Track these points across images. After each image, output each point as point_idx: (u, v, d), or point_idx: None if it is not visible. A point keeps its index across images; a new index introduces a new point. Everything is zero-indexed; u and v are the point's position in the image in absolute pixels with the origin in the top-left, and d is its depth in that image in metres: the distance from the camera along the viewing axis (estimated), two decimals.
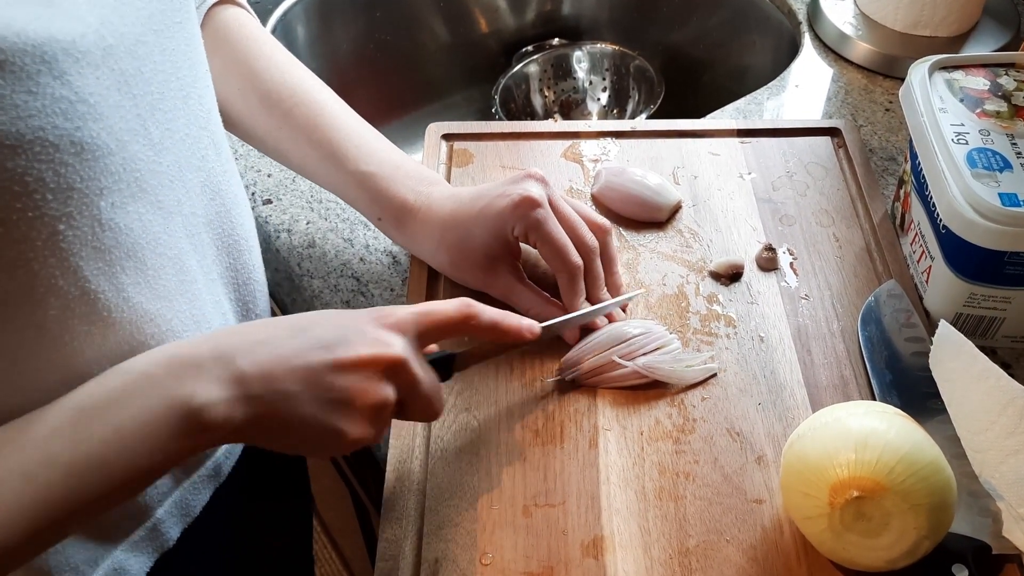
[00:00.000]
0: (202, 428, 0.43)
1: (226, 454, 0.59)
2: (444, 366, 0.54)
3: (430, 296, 0.66)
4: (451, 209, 0.63)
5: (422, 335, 0.50)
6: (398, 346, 0.48)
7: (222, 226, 0.54)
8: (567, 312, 0.61)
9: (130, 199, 0.43)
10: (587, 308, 0.62)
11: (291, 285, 0.72)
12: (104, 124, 0.40)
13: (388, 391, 0.48)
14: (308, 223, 0.75)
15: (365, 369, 0.46)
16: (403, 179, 0.64)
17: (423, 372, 0.50)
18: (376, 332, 0.48)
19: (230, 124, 0.65)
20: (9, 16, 0.35)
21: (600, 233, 0.63)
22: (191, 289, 0.50)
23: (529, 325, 0.55)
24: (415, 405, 0.50)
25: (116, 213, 0.42)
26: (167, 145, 0.46)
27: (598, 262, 0.62)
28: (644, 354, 0.60)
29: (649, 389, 0.60)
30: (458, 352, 0.55)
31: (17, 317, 0.40)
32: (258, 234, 0.60)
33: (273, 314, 0.68)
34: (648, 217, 0.71)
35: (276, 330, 0.47)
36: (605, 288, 0.63)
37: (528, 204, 0.59)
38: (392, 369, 0.47)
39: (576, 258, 0.60)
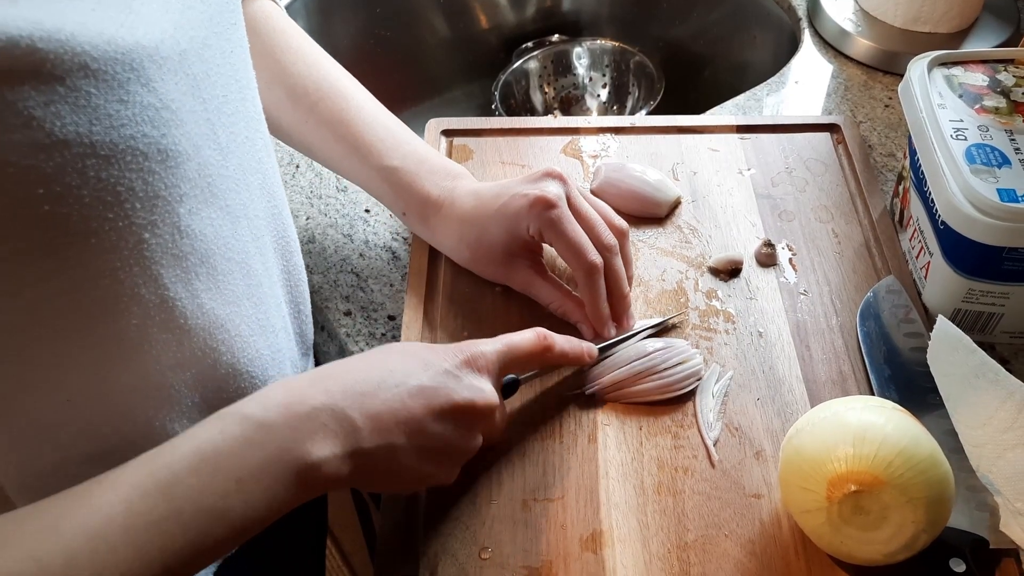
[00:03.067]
0: (316, 482, 0.44)
1: None
2: (510, 389, 0.57)
3: (429, 292, 0.66)
4: (472, 206, 0.63)
5: (503, 369, 0.52)
6: (489, 391, 0.50)
7: (277, 227, 0.54)
8: (587, 309, 0.61)
9: (203, 204, 0.43)
10: (633, 327, 0.63)
11: None
12: (183, 130, 0.40)
13: (478, 437, 0.51)
14: (308, 218, 0.75)
15: (461, 416, 0.48)
16: (427, 174, 0.64)
17: (503, 409, 0.52)
18: (469, 378, 0.49)
19: None
20: (99, 24, 0.35)
21: (617, 235, 0.62)
22: (257, 292, 0.50)
23: (590, 349, 0.58)
24: (491, 436, 0.53)
25: (193, 219, 0.42)
26: (232, 148, 0.46)
27: (618, 260, 0.61)
28: (666, 369, 0.59)
29: (668, 404, 0.59)
30: (522, 376, 0.58)
31: (99, 327, 0.40)
32: None
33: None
34: (647, 213, 0.71)
35: (377, 375, 0.47)
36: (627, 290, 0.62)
37: (543, 204, 0.59)
38: (484, 413, 0.50)
39: (593, 256, 0.59)
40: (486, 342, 0.52)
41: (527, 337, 0.54)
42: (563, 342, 0.56)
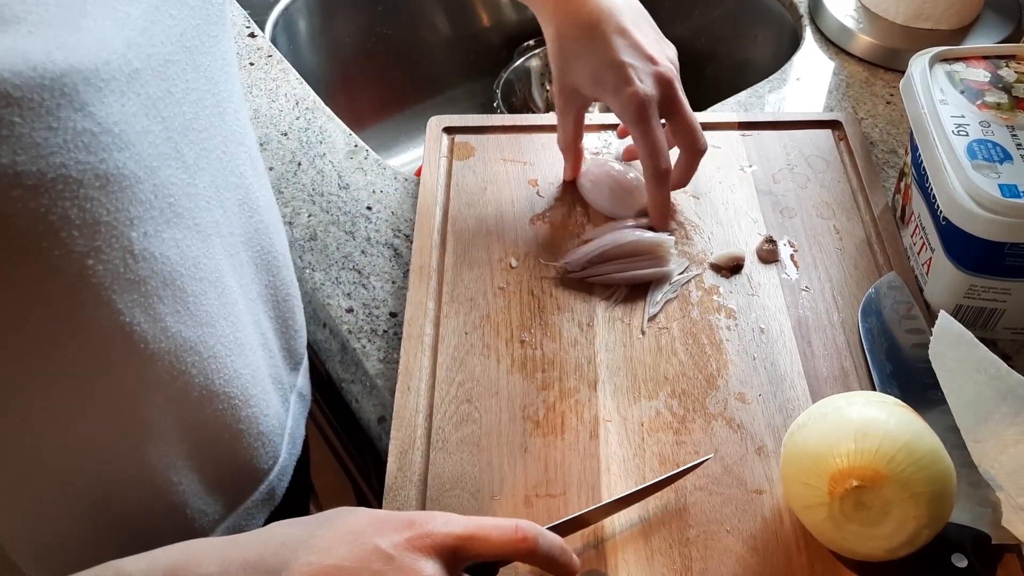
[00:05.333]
0: None
1: (279, 475, 0.58)
2: (488, 570, 0.48)
3: (431, 289, 0.66)
4: (591, 9, 0.66)
5: (463, 557, 0.44)
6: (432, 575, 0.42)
7: (260, 243, 0.53)
8: (648, 203, 0.68)
9: (165, 226, 0.42)
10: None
11: None
12: (131, 152, 0.38)
13: None
14: (310, 216, 0.75)
15: None
16: None
17: None
18: (406, 559, 0.41)
19: None
20: (25, 49, 0.33)
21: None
22: (232, 312, 0.49)
23: (577, 565, 0.48)
24: None
25: (150, 242, 0.41)
26: (202, 165, 0.45)
27: (699, 155, 0.68)
28: (639, 262, 0.66)
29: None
30: (503, 564, 0.48)
31: (53, 351, 0.39)
32: None
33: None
34: (627, 209, 0.71)
35: (290, 548, 0.41)
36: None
37: (641, 105, 0.63)
38: None
39: (667, 160, 0.65)
40: (444, 520, 0.43)
41: (502, 529, 0.44)
42: (547, 546, 0.45)
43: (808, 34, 0.95)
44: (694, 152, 0.68)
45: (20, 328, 0.38)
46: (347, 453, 0.90)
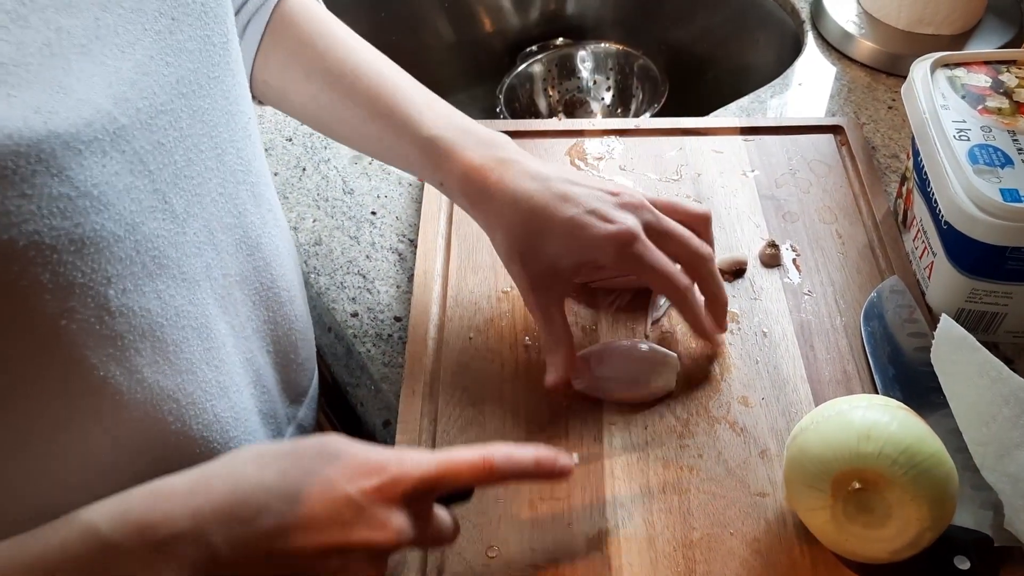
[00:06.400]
0: None
1: None
2: (464, 494, 0.49)
3: (435, 293, 0.66)
4: (531, 194, 0.55)
5: (433, 492, 0.45)
6: (395, 527, 0.42)
7: (260, 280, 0.51)
8: (690, 327, 0.59)
9: (146, 279, 0.40)
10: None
11: None
12: (110, 213, 0.37)
13: (383, 566, 0.44)
14: (315, 221, 0.76)
15: (354, 552, 0.42)
16: (473, 143, 0.58)
17: (425, 528, 0.45)
18: (374, 510, 0.42)
19: (295, 109, 0.63)
20: (3, 115, 0.32)
21: (700, 223, 0.59)
22: (217, 356, 0.47)
23: (564, 465, 0.48)
24: (420, 547, 0.47)
25: (128, 298, 0.39)
26: (194, 212, 0.43)
27: (712, 268, 0.58)
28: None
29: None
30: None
31: (32, 400, 0.38)
32: None
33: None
34: (641, 396, 0.61)
35: (262, 497, 0.41)
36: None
37: (625, 240, 0.54)
38: (383, 550, 0.43)
39: (683, 280, 0.56)
40: (412, 463, 0.44)
41: (467, 459, 0.45)
42: (517, 465, 0.46)
43: (810, 39, 0.95)
44: (702, 268, 0.58)
45: None
46: None
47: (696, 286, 0.58)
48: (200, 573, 0.39)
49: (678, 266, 0.57)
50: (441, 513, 0.47)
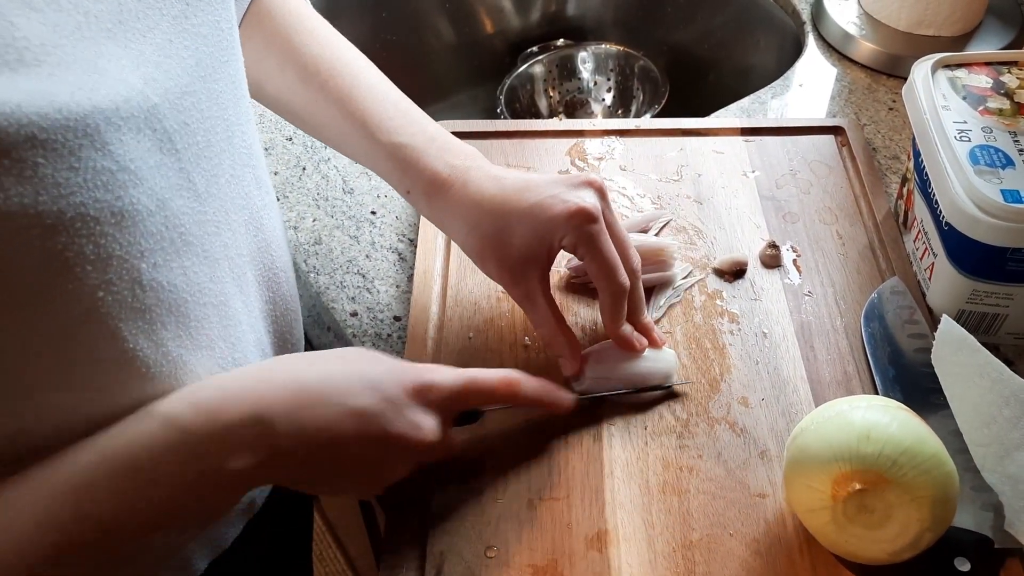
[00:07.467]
0: (232, 488, 0.45)
1: (260, 488, 0.59)
2: (471, 417, 0.56)
3: (435, 293, 0.66)
4: (493, 193, 0.57)
5: (460, 404, 0.52)
6: (429, 428, 0.48)
7: (263, 261, 0.53)
8: (608, 330, 0.59)
9: (174, 255, 0.42)
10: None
11: (297, 282, 0.73)
12: (144, 188, 0.39)
13: (407, 467, 0.50)
14: (314, 220, 0.76)
15: (392, 448, 0.48)
16: (437, 151, 0.59)
17: (444, 437, 0.50)
18: (411, 410, 0.48)
19: (269, 101, 0.64)
20: (50, 91, 0.34)
21: (651, 255, 0.63)
22: (234, 332, 0.49)
23: (569, 399, 0.56)
24: (429, 458, 0.52)
25: (158, 272, 0.41)
26: (212, 192, 0.45)
27: (640, 286, 0.59)
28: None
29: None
30: (487, 410, 0.56)
31: (55, 378, 0.40)
32: None
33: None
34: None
35: (318, 388, 0.46)
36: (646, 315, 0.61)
37: (585, 216, 0.55)
38: (416, 449, 0.48)
39: (624, 279, 0.56)
40: (446, 373, 0.50)
41: (493, 377, 0.52)
42: (534, 388, 0.54)
43: (811, 40, 0.95)
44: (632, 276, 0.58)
45: (22, 364, 0.38)
46: None
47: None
48: (265, 456, 0.43)
49: None
50: (453, 432, 0.52)
